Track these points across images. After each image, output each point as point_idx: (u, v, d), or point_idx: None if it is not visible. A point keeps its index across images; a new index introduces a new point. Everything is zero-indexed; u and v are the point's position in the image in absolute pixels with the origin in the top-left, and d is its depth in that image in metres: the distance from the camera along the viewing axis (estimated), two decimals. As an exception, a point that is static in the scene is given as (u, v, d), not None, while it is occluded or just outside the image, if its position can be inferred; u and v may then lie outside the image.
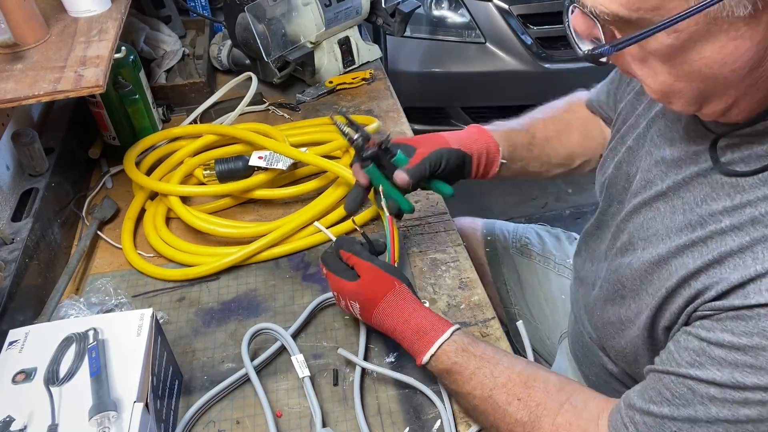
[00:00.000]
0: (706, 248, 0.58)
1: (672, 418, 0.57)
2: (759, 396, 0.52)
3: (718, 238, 0.58)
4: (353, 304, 0.76)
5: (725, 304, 0.55)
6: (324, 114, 1.29)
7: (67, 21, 0.94)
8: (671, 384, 0.58)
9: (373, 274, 0.76)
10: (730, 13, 0.47)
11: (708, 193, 0.61)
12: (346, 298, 0.77)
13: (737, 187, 0.58)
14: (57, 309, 0.84)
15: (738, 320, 0.54)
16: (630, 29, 0.51)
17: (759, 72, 0.51)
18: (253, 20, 1.22)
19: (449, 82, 2.31)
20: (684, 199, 0.63)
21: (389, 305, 0.74)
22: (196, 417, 0.76)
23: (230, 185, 1.02)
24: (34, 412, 0.61)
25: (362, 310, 0.76)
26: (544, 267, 1.12)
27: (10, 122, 1.02)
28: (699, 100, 0.55)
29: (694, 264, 0.59)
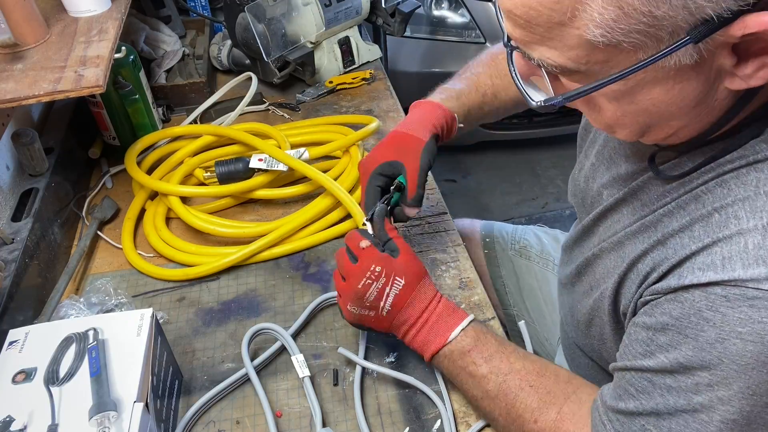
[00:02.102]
0: (654, 231, 0.61)
1: (639, 413, 0.58)
2: (706, 379, 0.52)
3: (666, 220, 0.60)
4: (396, 281, 0.72)
5: (663, 286, 0.56)
6: (324, 114, 1.29)
7: (67, 21, 0.94)
8: (633, 379, 0.59)
9: (413, 254, 0.75)
10: (678, 62, 0.47)
11: (658, 192, 0.63)
12: (392, 273, 0.72)
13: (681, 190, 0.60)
14: (57, 309, 0.84)
15: (675, 302, 0.54)
16: (578, 76, 0.51)
17: (703, 106, 0.52)
18: (253, 20, 1.22)
19: (449, 82, 2.31)
20: (640, 200, 0.66)
21: (428, 284, 0.74)
22: (196, 417, 0.76)
23: (230, 186, 1.02)
24: (34, 412, 0.61)
25: (404, 289, 0.72)
26: (543, 268, 1.12)
27: (10, 122, 1.02)
28: (642, 131, 0.57)
29: (642, 246, 0.62)
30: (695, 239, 0.55)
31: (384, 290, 0.72)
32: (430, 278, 0.75)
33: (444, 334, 0.72)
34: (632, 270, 0.63)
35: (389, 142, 0.87)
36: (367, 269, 0.72)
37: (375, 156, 0.86)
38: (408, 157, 0.84)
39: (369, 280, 0.72)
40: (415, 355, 0.81)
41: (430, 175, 1.12)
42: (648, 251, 0.61)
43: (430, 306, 0.73)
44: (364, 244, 0.74)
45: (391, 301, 0.72)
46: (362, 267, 0.72)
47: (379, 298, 0.72)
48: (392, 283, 0.72)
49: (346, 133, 1.11)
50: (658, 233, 0.60)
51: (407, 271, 0.73)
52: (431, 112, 0.88)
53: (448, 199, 1.09)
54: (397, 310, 0.73)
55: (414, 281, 0.73)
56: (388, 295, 0.72)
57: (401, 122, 0.89)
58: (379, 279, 0.72)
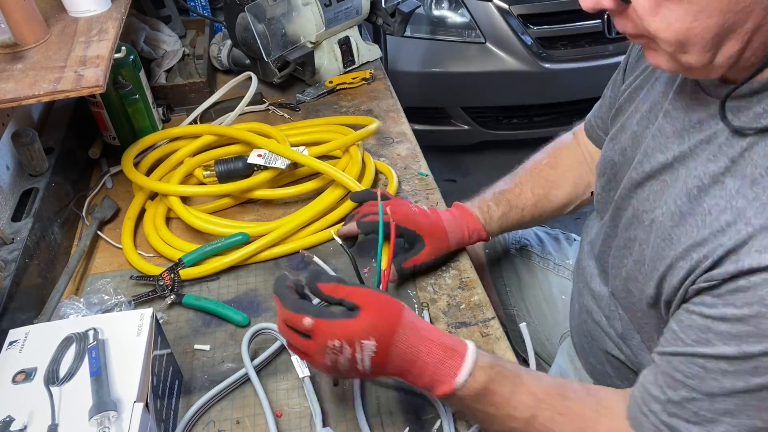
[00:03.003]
0: (710, 217, 0.59)
1: (690, 399, 0.58)
2: (767, 362, 0.53)
3: (722, 203, 0.58)
4: (365, 345, 0.62)
5: (720, 273, 0.55)
6: (324, 114, 1.29)
7: (67, 21, 0.94)
8: (681, 365, 0.58)
9: (377, 299, 0.64)
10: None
11: (709, 157, 0.61)
12: (354, 341, 0.61)
13: (737, 146, 0.58)
14: (57, 309, 0.84)
15: (737, 293, 0.54)
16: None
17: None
18: (253, 20, 1.22)
19: (449, 82, 2.32)
20: (689, 167, 0.64)
21: (407, 328, 0.64)
22: (196, 417, 0.76)
23: (230, 185, 1.02)
24: (34, 412, 0.61)
25: (378, 348, 0.62)
26: (544, 268, 1.12)
27: (10, 122, 1.02)
28: (715, 43, 0.54)
29: (699, 234, 0.59)
30: (750, 223, 0.54)
31: (356, 357, 0.62)
32: (409, 317, 0.65)
33: (448, 381, 0.64)
34: (685, 258, 0.60)
35: (427, 225, 0.88)
36: (324, 346, 0.62)
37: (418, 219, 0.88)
38: (432, 245, 0.88)
39: (333, 355, 0.62)
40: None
41: (431, 175, 1.12)
42: (706, 240, 0.58)
43: (421, 352, 0.64)
44: (307, 323, 0.62)
45: (369, 364, 0.63)
46: (319, 346, 0.62)
47: (354, 365, 0.63)
48: (361, 348, 0.62)
49: (346, 133, 1.11)
50: (716, 220, 0.58)
51: (374, 329, 0.62)
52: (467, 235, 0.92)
53: (448, 199, 1.09)
54: (380, 367, 0.64)
55: (388, 335, 0.63)
56: (363, 360, 0.63)
57: (448, 214, 0.93)
58: (343, 351, 0.62)
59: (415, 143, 1.20)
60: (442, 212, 0.92)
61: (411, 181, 1.11)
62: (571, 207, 1.00)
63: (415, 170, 1.13)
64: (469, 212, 0.93)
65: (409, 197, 1.07)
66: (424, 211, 0.90)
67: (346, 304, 0.65)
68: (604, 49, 2.25)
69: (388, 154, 1.18)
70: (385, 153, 1.18)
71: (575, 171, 0.99)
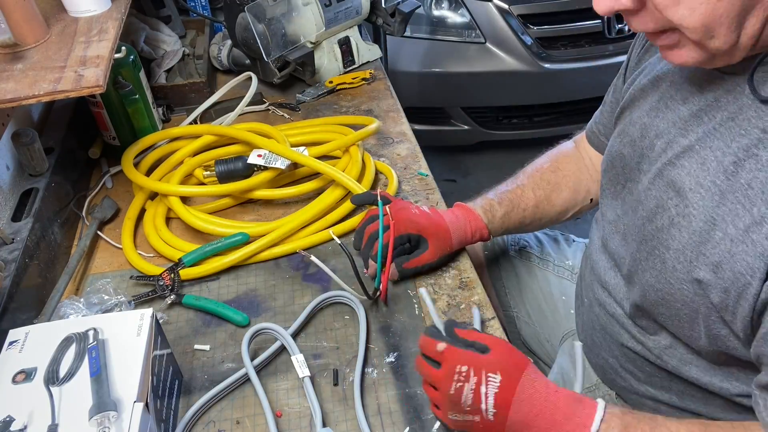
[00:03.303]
0: (752, 191, 0.58)
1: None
2: None
3: (761, 175, 0.58)
4: (491, 379, 0.63)
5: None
6: (324, 114, 1.29)
7: (67, 21, 0.94)
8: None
9: (506, 345, 0.67)
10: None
11: (737, 132, 0.61)
12: (482, 371, 0.63)
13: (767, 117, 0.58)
14: (57, 309, 0.84)
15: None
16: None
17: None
18: (253, 20, 1.22)
19: (449, 82, 2.32)
20: (713, 147, 0.63)
21: (535, 376, 0.65)
22: (196, 417, 0.76)
23: (230, 185, 1.02)
24: (34, 412, 0.61)
25: (503, 384, 0.63)
26: (543, 269, 1.12)
27: (10, 122, 1.02)
28: (740, 21, 0.54)
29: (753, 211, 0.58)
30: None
31: (479, 390, 0.63)
32: (535, 368, 0.66)
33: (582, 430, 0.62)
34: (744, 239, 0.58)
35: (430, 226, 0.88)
36: (453, 371, 0.64)
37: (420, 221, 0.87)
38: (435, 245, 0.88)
39: (459, 382, 0.63)
40: (415, 355, 0.81)
41: (431, 175, 1.12)
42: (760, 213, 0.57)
43: (549, 399, 0.63)
44: (440, 347, 0.65)
45: (492, 402, 0.63)
46: (447, 371, 0.64)
47: (478, 400, 0.63)
48: (487, 381, 0.63)
49: (346, 133, 1.11)
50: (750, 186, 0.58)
51: (502, 365, 0.64)
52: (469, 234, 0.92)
53: (448, 199, 1.09)
54: (504, 410, 0.63)
55: (514, 374, 0.64)
56: (487, 395, 0.63)
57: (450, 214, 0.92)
58: (469, 379, 0.63)
59: (415, 143, 1.20)
60: (444, 212, 0.92)
61: (411, 181, 1.11)
62: (570, 213, 1.00)
63: (415, 170, 1.14)
64: (471, 211, 0.93)
65: (409, 197, 1.07)
66: (426, 212, 0.89)
67: (478, 346, 0.66)
68: (604, 49, 2.25)
69: (388, 154, 1.18)
70: (385, 153, 1.18)
71: (576, 177, 0.99)
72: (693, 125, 0.67)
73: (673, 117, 0.70)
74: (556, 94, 2.37)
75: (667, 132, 0.70)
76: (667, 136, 0.70)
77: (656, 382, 0.81)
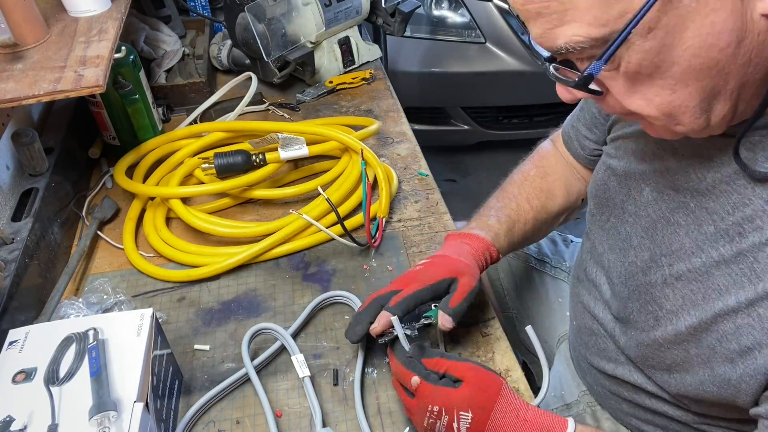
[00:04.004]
0: (759, 264, 0.57)
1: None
2: None
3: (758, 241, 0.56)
4: (463, 416, 0.64)
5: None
6: (324, 114, 1.29)
7: (67, 21, 0.94)
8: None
9: (477, 373, 0.66)
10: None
11: (738, 199, 0.59)
12: (453, 410, 0.64)
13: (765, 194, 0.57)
14: (57, 309, 0.84)
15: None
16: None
17: (746, 45, 0.49)
18: (253, 20, 1.22)
19: (449, 82, 2.32)
20: (709, 209, 0.62)
21: (505, 405, 0.65)
22: (197, 417, 0.76)
23: (229, 182, 1.02)
24: (34, 412, 0.61)
25: (474, 420, 0.64)
26: (541, 270, 1.12)
27: (10, 122, 1.02)
28: (704, 107, 0.53)
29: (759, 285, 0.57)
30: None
31: (452, 426, 0.65)
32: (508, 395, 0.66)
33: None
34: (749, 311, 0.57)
35: (438, 263, 0.79)
36: (425, 408, 0.65)
37: (423, 272, 0.78)
38: (464, 276, 0.77)
39: (431, 419, 0.65)
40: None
41: (431, 175, 1.12)
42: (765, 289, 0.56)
43: (519, 417, 0.65)
44: (414, 382, 0.66)
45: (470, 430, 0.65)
46: (420, 405, 0.66)
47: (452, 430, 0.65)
48: (458, 418, 0.64)
49: (346, 133, 1.11)
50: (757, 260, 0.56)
51: (472, 402, 0.64)
52: (474, 244, 0.84)
53: (448, 199, 1.09)
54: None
55: (487, 406, 0.64)
56: (459, 429, 0.65)
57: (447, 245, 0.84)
58: (441, 417, 0.65)
59: (415, 143, 1.20)
60: (447, 248, 0.83)
61: (411, 181, 1.11)
62: (563, 217, 0.97)
63: (415, 170, 1.14)
64: (474, 236, 0.85)
65: (409, 197, 1.07)
66: (429, 262, 0.80)
67: (449, 378, 0.67)
68: (604, 49, 2.25)
69: (388, 154, 1.18)
70: (385, 153, 1.18)
71: (565, 179, 0.96)
72: (681, 180, 0.64)
73: (660, 166, 0.68)
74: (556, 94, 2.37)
75: (655, 180, 0.68)
76: (655, 184, 0.68)
77: (640, 414, 0.80)
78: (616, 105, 0.57)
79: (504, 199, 0.93)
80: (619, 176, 0.75)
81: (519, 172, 0.98)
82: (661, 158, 0.68)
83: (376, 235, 0.96)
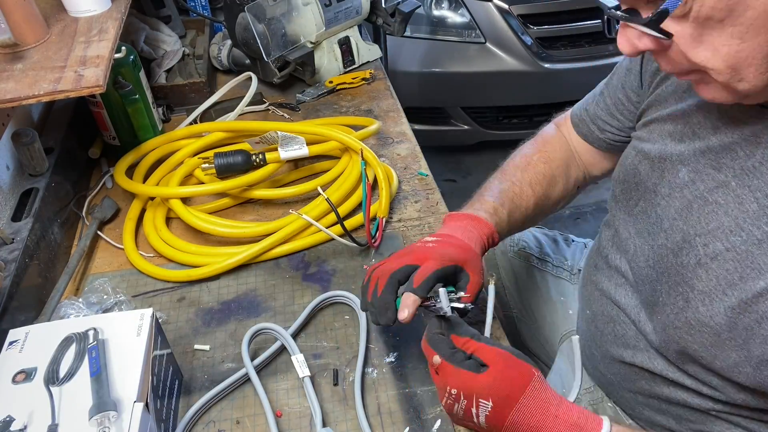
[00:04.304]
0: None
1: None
2: None
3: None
4: (483, 404, 0.60)
5: None
6: (324, 114, 1.29)
7: (67, 21, 0.94)
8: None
9: (506, 360, 0.62)
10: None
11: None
12: (473, 396, 0.61)
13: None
14: (57, 309, 0.84)
15: None
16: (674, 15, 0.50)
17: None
18: (253, 20, 1.22)
19: (449, 82, 2.32)
20: (752, 186, 0.60)
21: (533, 399, 0.61)
22: (197, 417, 0.76)
23: (229, 182, 1.02)
24: (34, 412, 0.61)
25: (495, 410, 0.60)
26: (542, 270, 1.12)
27: (10, 122, 1.02)
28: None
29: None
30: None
31: (470, 410, 0.61)
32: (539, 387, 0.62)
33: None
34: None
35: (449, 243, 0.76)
36: (443, 389, 0.63)
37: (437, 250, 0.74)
38: (473, 271, 0.75)
39: (449, 400, 0.63)
40: (415, 355, 0.81)
41: (431, 175, 1.12)
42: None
43: (547, 425, 0.60)
44: (436, 360, 0.63)
45: (484, 421, 0.61)
46: (440, 384, 0.63)
47: (469, 417, 0.62)
48: (477, 405, 0.61)
49: (347, 133, 1.11)
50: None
51: (494, 391, 0.60)
52: (479, 228, 0.81)
53: (448, 199, 1.09)
54: (497, 428, 0.62)
55: (507, 402, 0.60)
56: (478, 415, 0.61)
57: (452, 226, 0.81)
58: (459, 400, 0.62)
59: (415, 143, 1.20)
60: (454, 229, 0.80)
61: (411, 181, 1.11)
62: (560, 204, 0.96)
63: (415, 170, 1.14)
64: (479, 219, 0.83)
65: (409, 197, 1.07)
66: (441, 240, 0.77)
67: (476, 360, 0.63)
68: (604, 49, 2.25)
69: (388, 154, 1.18)
70: (385, 153, 1.18)
71: (566, 166, 0.95)
72: (726, 159, 0.62)
73: (701, 145, 0.65)
74: (556, 94, 2.37)
75: (695, 160, 0.66)
76: (694, 164, 0.66)
77: (654, 404, 0.80)
78: (678, 58, 0.55)
79: (506, 182, 0.91)
80: (652, 159, 0.73)
81: (521, 155, 0.96)
82: (702, 137, 0.66)
83: (376, 235, 0.96)
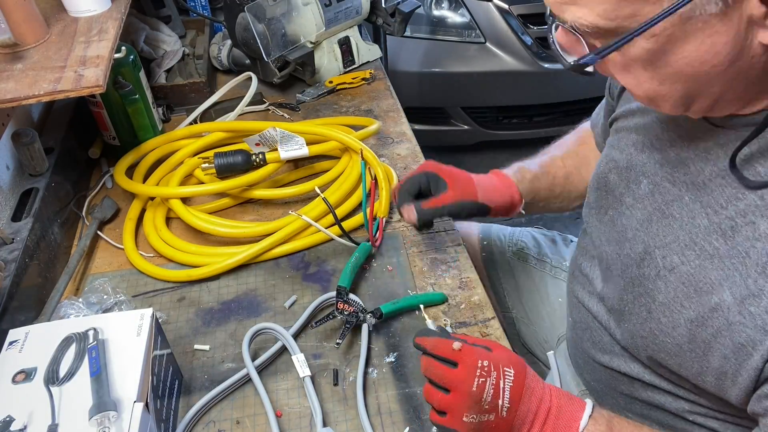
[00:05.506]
0: (749, 260, 0.57)
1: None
2: None
3: (759, 245, 0.57)
4: (507, 372, 0.64)
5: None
6: (324, 114, 1.29)
7: (67, 21, 0.94)
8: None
9: (501, 344, 0.68)
10: (703, 12, 0.49)
11: (732, 193, 0.60)
12: (499, 366, 0.64)
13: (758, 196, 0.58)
14: (57, 309, 0.84)
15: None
16: (611, 38, 0.53)
17: (738, 66, 0.52)
18: (253, 20, 1.22)
19: (449, 82, 2.32)
20: (703, 202, 0.62)
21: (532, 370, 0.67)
22: (197, 417, 0.76)
23: (229, 182, 1.02)
24: (34, 412, 0.61)
25: (516, 378, 0.64)
26: (541, 270, 1.12)
27: (10, 122, 1.02)
28: (685, 101, 0.57)
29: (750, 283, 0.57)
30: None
31: (499, 384, 0.64)
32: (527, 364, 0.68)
33: (572, 424, 0.64)
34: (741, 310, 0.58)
35: (454, 174, 0.90)
36: (474, 367, 0.64)
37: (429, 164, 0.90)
38: (455, 189, 0.87)
39: (482, 378, 0.63)
40: (415, 355, 0.81)
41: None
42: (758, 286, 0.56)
43: (545, 394, 0.65)
44: (457, 345, 0.65)
45: (508, 396, 0.64)
46: (468, 367, 0.64)
47: (497, 395, 0.64)
48: (504, 375, 0.64)
49: (347, 133, 1.11)
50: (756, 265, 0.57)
51: (511, 359, 0.65)
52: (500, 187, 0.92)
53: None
54: (515, 405, 0.64)
55: (521, 369, 0.65)
56: (504, 389, 0.64)
57: (480, 175, 0.93)
58: (491, 374, 0.63)
59: (415, 143, 1.20)
60: (481, 178, 0.93)
61: (411, 181, 1.11)
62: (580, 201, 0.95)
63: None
64: (500, 172, 0.94)
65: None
66: (475, 180, 0.90)
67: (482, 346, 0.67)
68: (604, 49, 2.25)
69: (388, 154, 1.18)
70: (385, 153, 1.18)
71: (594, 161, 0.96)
72: (679, 173, 0.65)
73: (659, 158, 0.69)
74: (556, 94, 2.37)
75: (654, 172, 0.69)
76: (653, 176, 0.69)
77: (636, 408, 0.80)
78: (609, 72, 0.60)
79: (540, 155, 1.00)
80: (620, 168, 0.76)
81: (559, 142, 1.04)
82: (660, 150, 0.69)
83: (376, 234, 0.96)
